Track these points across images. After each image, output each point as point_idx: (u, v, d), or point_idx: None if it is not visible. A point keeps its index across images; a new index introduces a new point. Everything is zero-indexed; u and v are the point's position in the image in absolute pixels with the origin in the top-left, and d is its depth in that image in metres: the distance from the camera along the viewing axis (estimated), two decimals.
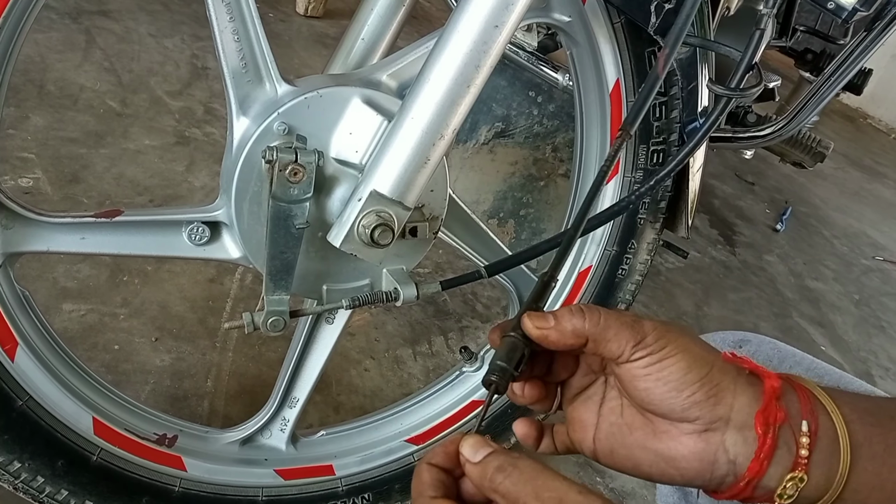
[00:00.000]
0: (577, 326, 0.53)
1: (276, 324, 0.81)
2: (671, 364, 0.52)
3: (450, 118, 0.73)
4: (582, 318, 0.54)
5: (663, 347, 0.52)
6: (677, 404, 0.52)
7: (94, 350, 1.30)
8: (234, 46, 0.76)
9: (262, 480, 0.98)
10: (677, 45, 0.73)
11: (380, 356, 1.54)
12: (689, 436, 0.53)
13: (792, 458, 0.51)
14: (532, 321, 0.55)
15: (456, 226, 0.96)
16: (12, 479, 0.82)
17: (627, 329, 0.53)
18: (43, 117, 1.84)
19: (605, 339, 0.53)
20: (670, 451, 0.54)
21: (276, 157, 0.73)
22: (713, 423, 0.52)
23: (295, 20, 3.06)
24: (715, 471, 0.53)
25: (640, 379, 0.53)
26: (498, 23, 0.69)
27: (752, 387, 0.53)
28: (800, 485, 0.51)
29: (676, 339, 0.53)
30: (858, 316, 2.60)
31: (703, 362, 0.52)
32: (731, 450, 0.52)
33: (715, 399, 0.52)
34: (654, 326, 0.53)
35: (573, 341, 0.54)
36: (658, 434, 0.54)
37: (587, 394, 0.60)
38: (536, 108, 1.59)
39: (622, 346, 0.53)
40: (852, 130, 5.38)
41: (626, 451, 0.56)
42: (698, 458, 0.53)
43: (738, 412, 0.52)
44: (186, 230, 0.82)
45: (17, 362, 0.80)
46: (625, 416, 0.57)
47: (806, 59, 1.65)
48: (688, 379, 0.52)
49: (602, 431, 0.57)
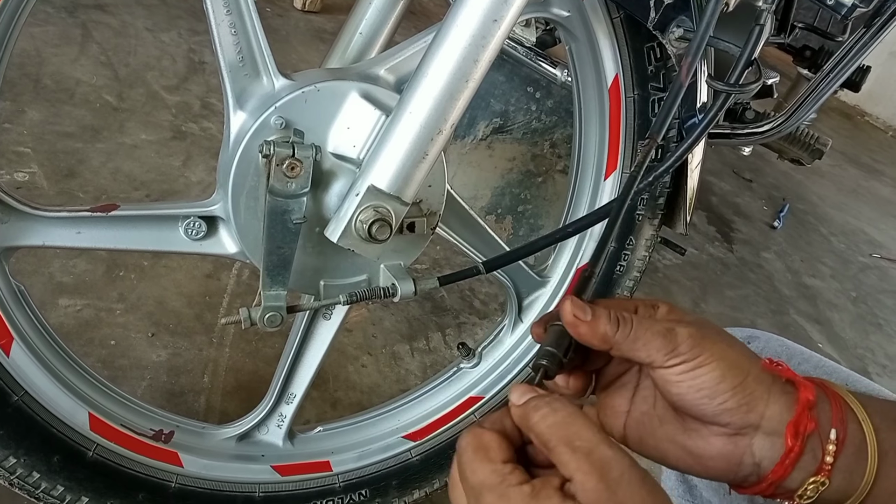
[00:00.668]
0: (608, 333, 0.54)
1: (274, 319, 0.81)
2: (705, 373, 0.52)
3: (448, 113, 0.72)
4: (615, 327, 0.54)
5: (698, 356, 0.53)
6: (709, 410, 0.53)
7: (91, 345, 1.30)
8: (231, 40, 0.76)
9: (258, 476, 0.98)
10: (699, 52, 0.71)
11: (377, 352, 1.54)
12: (719, 437, 0.54)
13: (816, 463, 0.52)
14: (573, 307, 0.55)
15: (454, 221, 0.95)
16: (8, 475, 0.81)
17: (660, 338, 0.53)
18: (39, 111, 1.83)
19: (633, 348, 0.54)
20: (698, 449, 0.55)
21: (273, 152, 0.73)
22: (743, 428, 0.53)
23: (292, 15, 3.05)
24: (739, 471, 0.54)
25: (673, 385, 0.53)
26: (497, 17, 0.69)
27: (786, 395, 0.53)
28: (821, 488, 0.52)
29: (712, 347, 0.53)
30: (855, 313, 2.60)
31: (738, 371, 0.53)
32: (757, 453, 0.53)
33: (747, 407, 0.52)
34: (689, 334, 0.53)
35: (599, 343, 0.55)
36: (688, 431, 0.55)
37: (621, 381, 0.61)
38: (535, 104, 1.59)
39: (652, 354, 0.53)
40: (850, 128, 5.38)
41: (654, 442, 0.57)
42: (725, 459, 0.54)
43: (769, 420, 0.53)
44: (183, 225, 0.82)
45: (13, 357, 0.79)
46: (657, 409, 0.58)
47: (804, 56, 1.65)
48: (721, 388, 0.52)
49: (633, 420, 0.59)
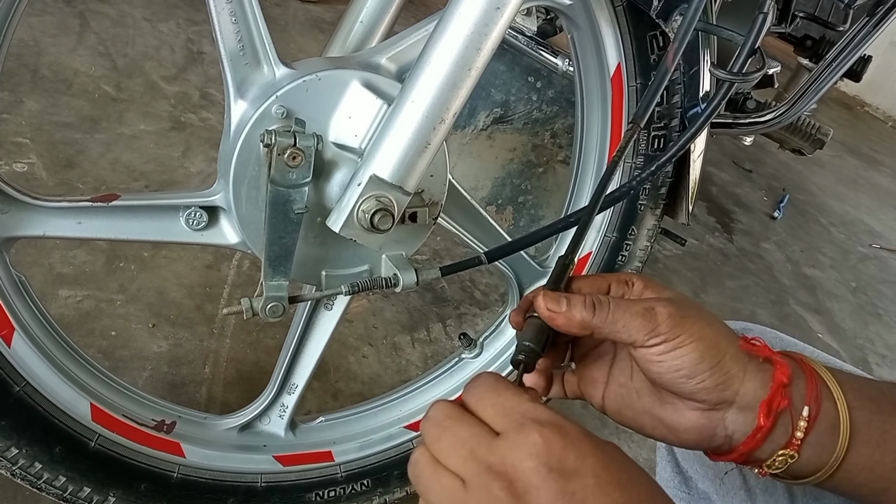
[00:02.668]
0: (585, 319, 0.55)
1: (275, 309, 0.80)
2: (685, 353, 0.53)
3: (450, 102, 0.72)
4: (591, 312, 0.55)
5: (678, 336, 0.53)
6: (686, 388, 0.54)
7: (91, 336, 1.29)
8: (232, 28, 0.75)
9: (260, 466, 0.98)
10: (686, 38, 0.72)
11: (378, 343, 1.54)
12: (693, 412, 0.55)
13: (787, 438, 0.54)
14: (546, 301, 0.56)
15: (455, 211, 0.95)
16: (10, 466, 0.81)
17: (639, 318, 0.54)
18: (37, 102, 1.82)
19: (613, 331, 0.55)
20: (673, 421, 0.56)
21: (274, 141, 0.72)
22: (718, 404, 0.54)
23: (291, 5, 3.04)
24: (712, 441, 0.56)
25: (653, 364, 0.54)
26: (499, 4, 0.68)
27: (762, 373, 0.54)
28: (789, 461, 0.54)
29: (691, 327, 0.54)
30: (855, 303, 2.60)
31: (717, 351, 0.54)
32: (730, 427, 0.55)
33: (724, 385, 0.53)
34: (668, 314, 0.54)
35: (578, 331, 0.55)
36: (664, 405, 0.57)
37: (598, 352, 0.62)
38: (535, 94, 1.58)
39: (633, 335, 0.54)
40: (850, 118, 5.37)
41: (631, 413, 0.59)
42: (698, 431, 0.55)
43: (744, 396, 0.54)
44: (184, 215, 0.82)
45: (14, 348, 0.79)
46: (634, 381, 0.59)
47: (805, 46, 1.64)
48: (700, 368, 0.53)
49: (611, 391, 0.60)
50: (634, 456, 1.50)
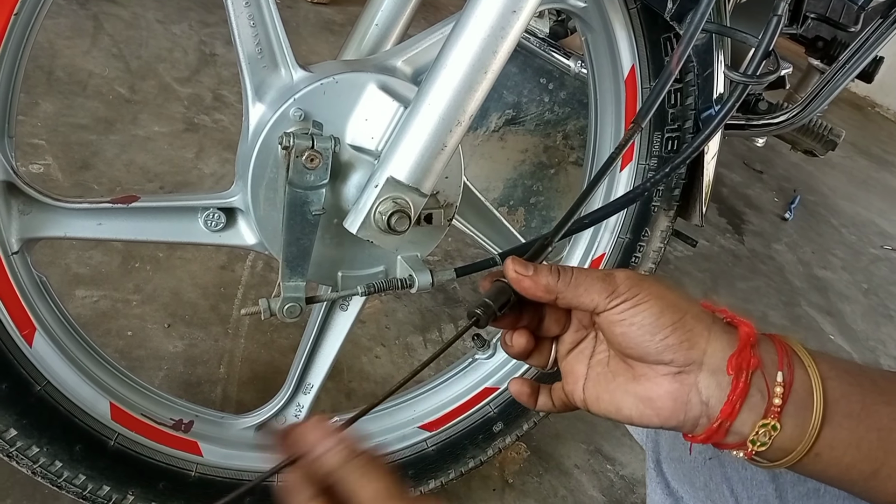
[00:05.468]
0: (550, 283, 0.58)
1: (293, 310, 0.81)
2: (644, 309, 0.56)
3: (467, 104, 0.72)
4: (556, 277, 0.59)
5: (636, 294, 0.56)
6: (651, 347, 0.56)
7: (108, 336, 1.31)
8: (250, 32, 0.76)
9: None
10: (691, 42, 0.73)
11: (390, 343, 1.55)
12: (665, 377, 0.57)
13: (765, 405, 0.54)
14: (514, 264, 0.60)
15: (469, 213, 0.96)
16: (31, 464, 0.82)
17: (599, 282, 0.57)
18: (52, 103, 1.84)
19: (576, 294, 0.58)
20: (647, 391, 0.57)
21: (292, 144, 0.73)
22: (686, 365, 0.56)
23: (302, 6, 3.05)
24: (688, 411, 0.56)
25: (616, 325, 0.57)
26: (516, 8, 0.69)
27: (728, 334, 0.56)
28: (773, 433, 0.54)
29: (650, 287, 0.57)
30: (867, 305, 2.59)
31: (676, 309, 0.56)
32: (703, 392, 0.55)
33: (688, 343, 0.55)
34: (626, 276, 0.57)
35: (543, 294, 0.59)
36: (637, 378, 0.58)
37: (579, 348, 0.64)
38: (547, 95, 1.59)
39: (595, 298, 0.57)
40: (860, 119, 5.35)
41: (609, 396, 0.60)
42: (672, 398, 0.56)
43: (712, 356, 0.55)
44: (202, 216, 0.83)
45: (35, 347, 0.80)
46: (610, 366, 0.61)
47: (816, 47, 1.64)
48: (660, 323, 0.55)
49: (590, 380, 0.62)
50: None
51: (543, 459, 1.41)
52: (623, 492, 1.43)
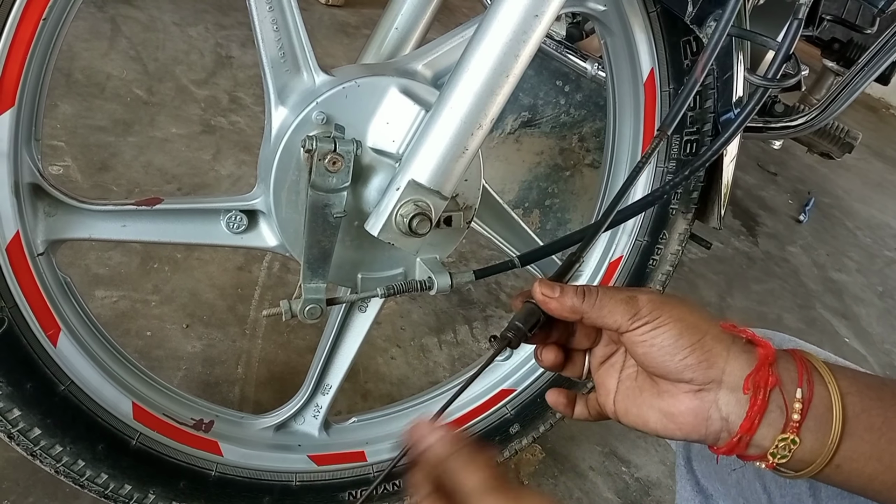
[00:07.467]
0: (576, 305, 0.61)
1: (314, 311, 0.82)
2: (664, 331, 0.58)
3: (488, 108, 0.73)
4: (581, 298, 0.62)
5: (657, 317, 0.59)
6: (671, 366, 0.58)
7: (127, 336, 1.32)
8: (273, 36, 0.77)
9: (295, 466, 1.00)
10: (717, 49, 0.73)
11: (406, 345, 1.55)
12: (686, 394, 0.59)
13: (784, 420, 0.56)
14: (541, 287, 0.63)
15: (487, 215, 0.96)
16: (54, 463, 0.83)
17: (622, 304, 0.60)
18: (71, 105, 1.86)
19: (601, 315, 0.61)
20: (670, 407, 0.60)
21: (315, 147, 0.73)
22: (706, 383, 0.58)
23: (316, 9, 3.06)
24: (709, 426, 0.59)
25: (638, 345, 0.59)
26: (538, 12, 0.69)
27: (747, 353, 0.58)
28: (792, 447, 0.56)
29: (671, 310, 0.59)
30: (882, 308, 2.58)
31: (696, 330, 0.58)
32: (723, 408, 0.58)
33: (707, 363, 0.58)
34: (649, 300, 0.60)
35: (569, 315, 0.62)
36: (661, 394, 0.61)
37: (610, 362, 0.67)
38: (563, 98, 1.59)
39: (618, 319, 0.60)
40: (875, 121, 5.31)
41: (636, 410, 0.63)
42: (693, 414, 0.59)
43: (730, 375, 0.58)
44: (225, 218, 0.83)
45: (60, 348, 0.81)
46: (638, 381, 0.64)
47: (832, 49, 1.64)
48: (679, 344, 0.58)
49: (620, 394, 0.65)
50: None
51: (559, 461, 1.42)
52: (638, 494, 1.42)
